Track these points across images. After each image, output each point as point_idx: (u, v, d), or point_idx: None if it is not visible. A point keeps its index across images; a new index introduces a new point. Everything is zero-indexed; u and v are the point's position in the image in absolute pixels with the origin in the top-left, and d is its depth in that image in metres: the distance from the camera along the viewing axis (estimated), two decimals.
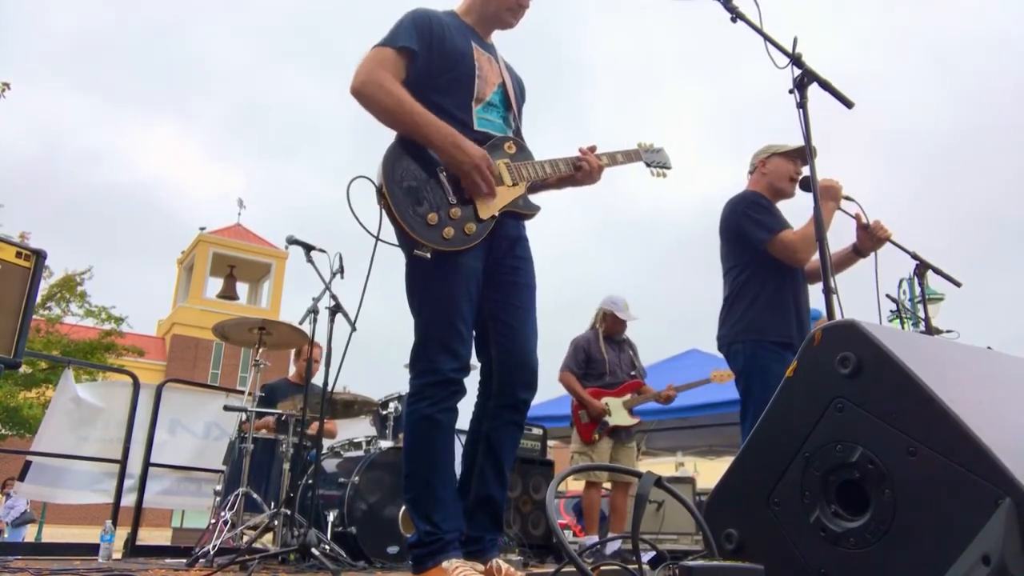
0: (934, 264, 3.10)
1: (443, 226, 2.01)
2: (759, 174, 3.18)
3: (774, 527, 1.30)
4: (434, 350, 2.05)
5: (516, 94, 2.36)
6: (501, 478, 2.18)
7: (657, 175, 2.63)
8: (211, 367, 32.82)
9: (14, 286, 2.51)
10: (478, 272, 2.12)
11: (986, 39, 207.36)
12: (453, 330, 2.05)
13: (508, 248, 2.22)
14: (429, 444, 2.05)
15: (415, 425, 2.06)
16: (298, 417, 3.69)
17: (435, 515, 2.00)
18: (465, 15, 2.33)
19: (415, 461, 2.07)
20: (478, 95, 2.20)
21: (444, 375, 2.03)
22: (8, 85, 10.95)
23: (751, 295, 2.98)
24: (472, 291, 2.10)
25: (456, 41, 2.20)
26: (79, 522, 16.67)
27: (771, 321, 2.92)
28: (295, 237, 3.52)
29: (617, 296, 4.93)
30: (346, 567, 3.08)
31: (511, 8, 2.30)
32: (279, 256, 33.90)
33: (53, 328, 17.01)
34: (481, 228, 2.08)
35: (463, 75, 2.18)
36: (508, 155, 2.20)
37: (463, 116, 2.15)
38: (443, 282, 2.05)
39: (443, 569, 1.93)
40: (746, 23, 2.17)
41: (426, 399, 2.05)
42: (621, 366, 4.85)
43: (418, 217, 1.99)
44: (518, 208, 2.19)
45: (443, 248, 2.00)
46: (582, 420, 4.73)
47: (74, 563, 3.16)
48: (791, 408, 1.33)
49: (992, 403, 1.31)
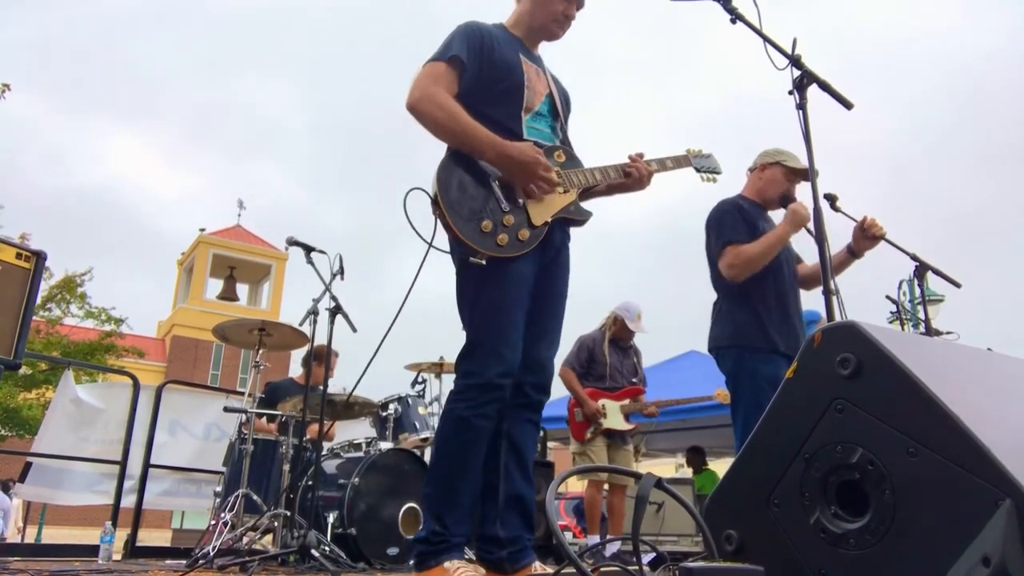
0: (933, 265, 3.10)
1: (497, 233, 2.04)
2: (756, 176, 3.18)
3: (774, 528, 1.30)
4: (483, 353, 2.07)
5: (562, 104, 2.41)
6: (527, 476, 2.20)
7: (707, 180, 2.71)
8: (211, 368, 32.81)
9: (14, 287, 2.51)
10: (530, 278, 2.15)
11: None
12: (503, 336, 2.07)
13: (554, 255, 2.27)
14: (459, 446, 2.06)
15: (450, 424, 2.08)
16: (299, 419, 3.69)
17: (447, 517, 2.02)
18: (513, 27, 2.38)
19: (442, 459, 2.09)
20: (527, 105, 2.24)
21: (488, 378, 2.05)
22: (8, 86, 10.96)
23: (736, 299, 3.00)
24: (524, 297, 2.13)
25: (505, 53, 2.25)
26: (79, 523, 16.65)
27: (756, 326, 2.94)
28: (295, 238, 3.52)
29: (633, 305, 4.90)
30: (346, 568, 3.08)
31: (558, 20, 2.35)
32: (279, 257, 33.90)
33: (53, 329, 16.99)
34: (535, 234, 2.11)
35: (513, 86, 2.23)
36: (558, 163, 2.24)
37: (513, 126, 2.19)
38: (496, 288, 2.08)
39: (445, 569, 1.95)
40: (746, 24, 2.17)
41: (465, 400, 2.06)
42: (623, 371, 4.84)
43: (473, 225, 2.02)
44: (570, 214, 2.23)
45: (498, 254, 2.03)
46: (576, 419, 4.73)
47: (74, 564, 3.16)
48: (791, 409, 1.33)
49: (992, 404, 1.31)
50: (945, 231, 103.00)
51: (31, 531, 13.05)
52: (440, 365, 4.70)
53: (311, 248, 3.50)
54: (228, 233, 34.59)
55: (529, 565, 2.09)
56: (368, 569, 3.25)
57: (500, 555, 2.08)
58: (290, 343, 4.18)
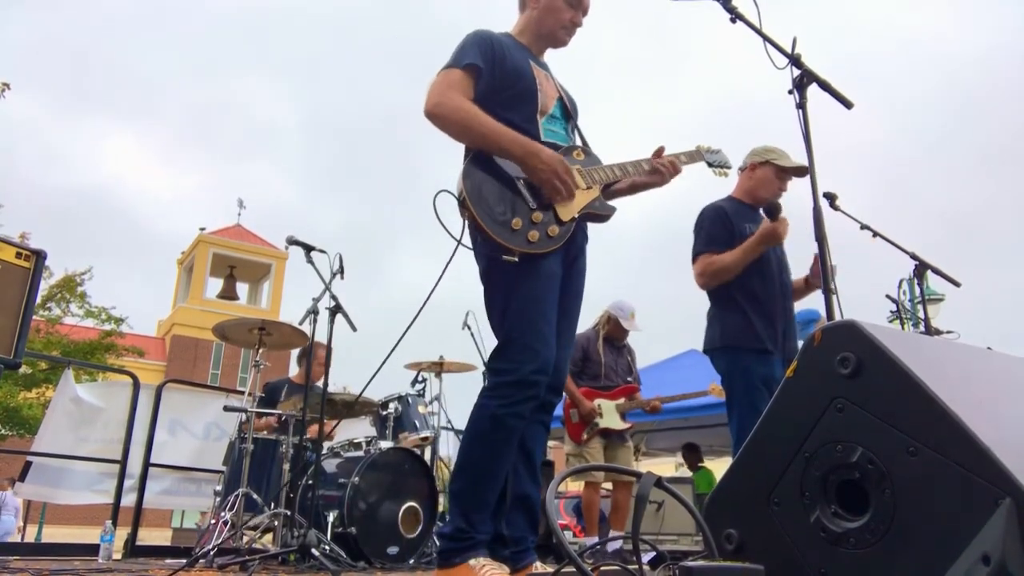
0: (933, 264, 3.11)
1: (527, 230, 2.05)
2: (746, 176, 3.19)
3: (774, 527, 1.30)
4: (516, 350, 2.05)
5: (572, 108, 2.43)
6: (535, 476, 2.20)
7: (719, 174, 2.76)
8: (211, 367, 32.82)
9: (14, 286, 2.51)
10: (559, 275, 2.16)
11: None
12: (537, 332, 2.06)
13: (576, 255, 2.29)
14: (491, 446, 2.05)
15: (481, 421, 2.06)
16: (298, 418, 3.69)
17: (474, 515, 2.01)
18: (520, 35, 2.40)
19: (472, 457, 2.07)
20: (542, 108, 2.26)
21: (523, 375, 2.03)
22: (8, 85, 10.96)
23: (724, 301, 3.03)
24: (555, 294, 2.14)
25: (516, 58, 2.27)
26: (79, 522, 16.65)
27: (745, 327, 2.96)
28: (295, 237, 3.52)
29: (626, 303, 4.89)
30: (346, 568, 3.08)
31: (565, 27, 2.37)
32: (279, 256, 33.91)
33: (53, 328, 17.00)
34: (564, 230, 2.12)
35: (526, 90, 2.25)
36: (578, 161, 2.26)
37: (530, 128, 2.20)
38: (529, 285, 2.07)
39: (470, 567, 1.95)
40: (745, 23, 2.17)
41: (499, 397, 2.04)
42: (617, 370, 4.83)
43: (502, 223, 2.03)
44: (595, 209, 2.24)
45: (529, 251, 2.04)
46: (572, 419, 4.71)
47: (74, 563, 3.17)
48: (791, 408, 1.33)
49: (992, 403, 1.32)
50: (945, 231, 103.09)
51: (31, 530, 13.06)
52: (440, 364, 4.70)
53: (311, 247, 3.50)
54: (228, 232, 34.60)
55: (530, 565, 2.10)
56: (368, 568, 3.26)
57: (503, 554, 2.09)
58: (290, 342, 4.18)
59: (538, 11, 2.36)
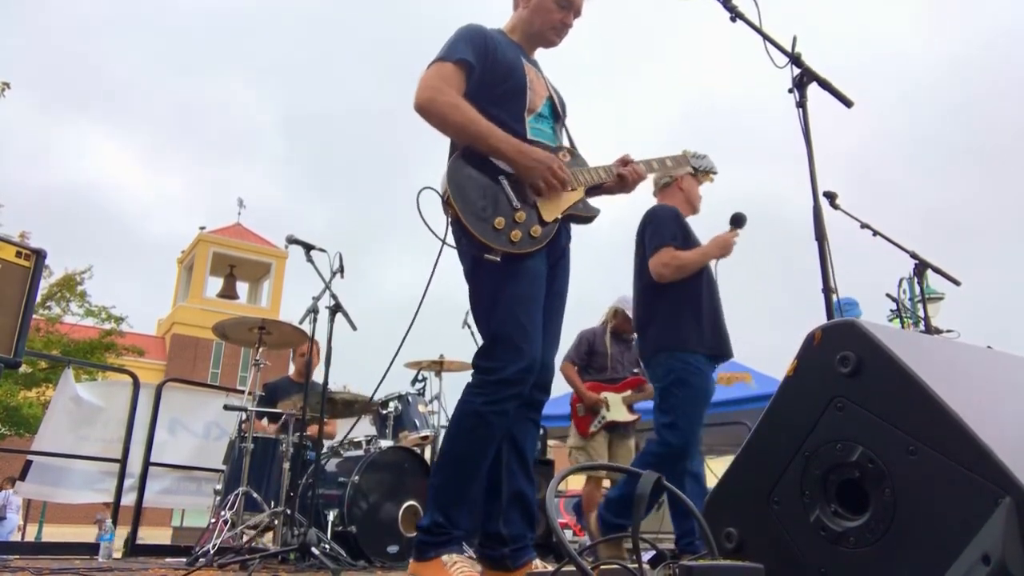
0: (933, 263, 3.11)
1: (510, 230, 2.05)
2: (676, 189, 3.25)
3: (774, 526, 1.30)
4: (501, 349, 2.05)
5: (561, 108, 2.42)
6: (528, 473, 2.20)
7: (705, 179, 2.83)
8: (211, 366, 32.82)
9: (14, 285, 2.51)
10: (543, 275, 2.16)
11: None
12: (522, 330, 2.06)
13: (560, 255, 2.29)
14: (472, 442, 2.05)
15: (464, 418, 2.06)
16: (298, 417, 3.69)
17: (452, 510, 2.02)
18: (511, 32, 2.39)
19: (453, 452, 2.08)
20: (530, 106, 2.25)
21: (509, 374, 2.03)
22: (8, 85, 10.96)
23: (673, 302, 3.05)
24: (538, 293, 2.13)
25: (507, 55, 2.26)
26: (79, 521, 16.66)
27: (695, 329, 3.00)
28: (295, 236, 3.52)
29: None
30: (346, 566, 3.08)
31: (555, 27, 2.36)
32: (279, 255, 33.91)
33: (53, 327, 17.00)
34: (547, 231, 2.12)
35: (515, 87, 2.24)
36: (564, 163, 2.25)
37: (516, 126, 2.20)
38: (513, 285, 2.07)
39: (442, 562, 1.96)
40: (745, 22, 2.17)
41: (484, 395, 2.04)
42: (624, 363, 4.84)
43: (485, 223, 2.03)
44: (579, 211, 2.24)
45: (512, 251, 2.04)
46: (579, 413, 4.72)
47: (74, 563, 3.17)
48: (791, 407, 1.33)
49: (992, 402, 1.31)
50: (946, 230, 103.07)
51: (31, 529, 13.06)
52: (440, 363, 4.70)
53: (311, 246, 3.50)
54: (228, 231, 34.60)
55: (529, 562, 2.10)
56: (368, 567, 3.26)
57: (503, 552, 2.09)
58: (290, 341, 4.18)
59: (528, 11, 2.35)
